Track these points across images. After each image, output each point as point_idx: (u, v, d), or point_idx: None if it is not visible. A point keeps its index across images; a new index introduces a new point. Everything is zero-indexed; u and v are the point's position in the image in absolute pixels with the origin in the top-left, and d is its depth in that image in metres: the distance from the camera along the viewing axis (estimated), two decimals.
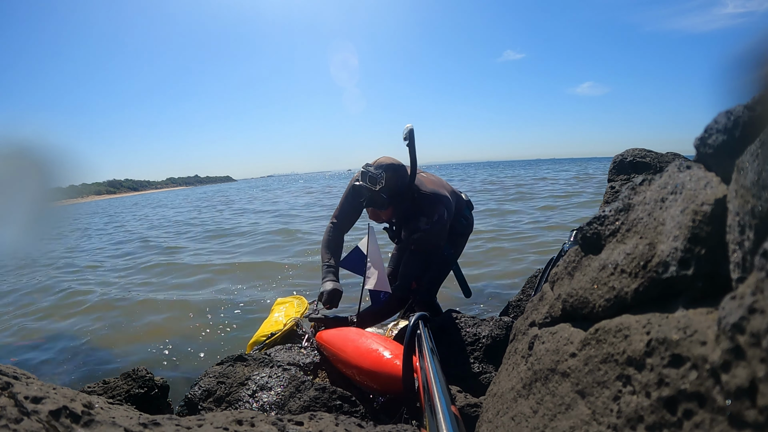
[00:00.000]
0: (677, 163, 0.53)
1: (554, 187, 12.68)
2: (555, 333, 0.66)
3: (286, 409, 1.26)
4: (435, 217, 1.79)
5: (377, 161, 1.83)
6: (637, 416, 0.42)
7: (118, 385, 1.40)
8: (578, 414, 0.52)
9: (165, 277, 4.54)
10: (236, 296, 3.51)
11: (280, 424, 0.86)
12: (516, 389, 0.73)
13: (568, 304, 0.64)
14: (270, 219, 9.40)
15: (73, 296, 4.03)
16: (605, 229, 0.61)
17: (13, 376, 0.67)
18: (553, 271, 0.75)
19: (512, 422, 0.70)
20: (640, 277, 0.49)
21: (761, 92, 0.37)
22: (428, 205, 1.80)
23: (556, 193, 10.60)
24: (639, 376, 0.44)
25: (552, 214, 7.06)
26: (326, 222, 2.05)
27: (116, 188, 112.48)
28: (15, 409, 0.54)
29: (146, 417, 0.73)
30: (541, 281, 1.68)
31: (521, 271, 3.60)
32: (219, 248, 6.13)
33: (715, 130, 0.43)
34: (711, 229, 0.41)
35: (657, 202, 0.52)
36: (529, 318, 0.81)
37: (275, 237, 6.55)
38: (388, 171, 1.78)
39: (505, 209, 7.86)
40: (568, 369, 0.57)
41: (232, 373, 1.41)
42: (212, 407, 1.31)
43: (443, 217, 1.81)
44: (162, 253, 6.17)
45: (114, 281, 4.54)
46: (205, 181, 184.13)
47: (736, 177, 0.38)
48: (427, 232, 1.80)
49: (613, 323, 0.51)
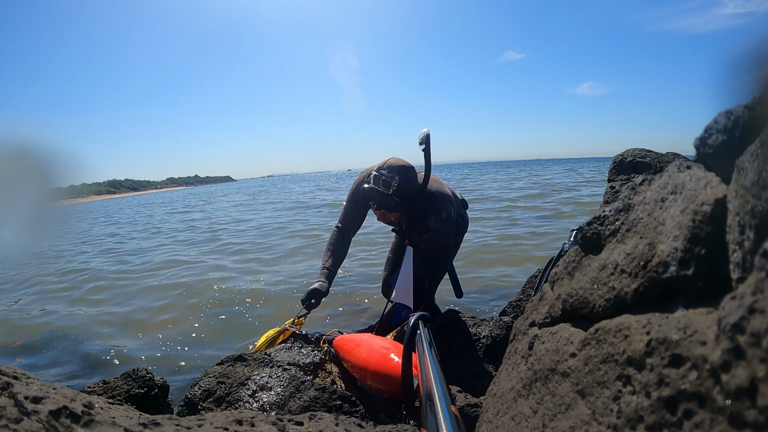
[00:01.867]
0: (677, 163, 0.53)
1: (555, 186, 12.69)
2: (555, 333, 0.66)
3: (286, 409, 1.26)
4: (443, 215, 1.79)
5: (387, 162, 1.81)
6: (637, 416, 0.42)
7: (118, 385, 1.40)
8: (578, 414, 0.52)
9: (166, 275, 4.54)
10: (236, 296, 3.51)
11: (280, 424, 0.86)
12: (516, 389, 0.73)
13: (568, 304, 0.64)
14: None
15: (73, 295, 4.03)
16: (605, 229, 0.61)
17: (13, 376, 0.67)
18: (553, 271, 0.75)
19: (512, 422, 0.70)
20: (640, 277, 0.49)
21: (761, 92, 0.37)
22: (435, 204, 1.80)
23: (556, 193, 10.61)
24: (639, 376, 0.44)
25: (552, 213, 7.06)
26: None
27: (116, 188, 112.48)
28: (15, 409, 0.54)
29: (146, 417, 0.73)
30: (541, 281, 1.68)
31: (521, 271, 3.60)
32: (218, 248, 6.13)
33: (715, 130, 0.43)
34: (711, 229, 0.41)
35: (657, 202, 0.52)
36: (529, 318, 0.81)
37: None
38: (401, 174, 1.76)
39: (506, 209, 7.86)
40: (568, 369, 0.57)
41: (232, 373, 1.41)
42: (212, 407, 1.31)
43: (450, 214, 1.82)
44: (162, 253, 6.17)
45: (114, 281, 4.54)
46: (205, 181, 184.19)
47: (736, 177, 0.38)
48: (437, 231, 1.79)
49: (613, 323, 0.51)
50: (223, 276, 4.28)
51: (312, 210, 10.93)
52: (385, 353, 1.41)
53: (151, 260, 5.58)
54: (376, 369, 1.39)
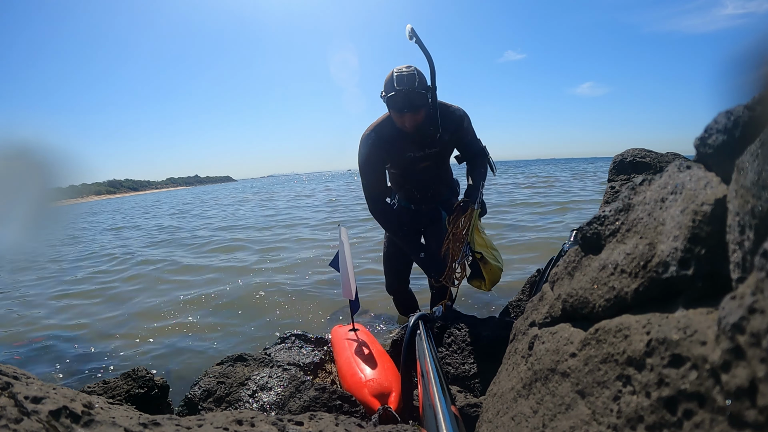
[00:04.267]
0: (677, 163, 0.53)
1: (556, 186, 12.69)
2: (555, 333, 0.66)
3: (286, 409, 1.26)
4: (459, 107, 1.87)
5: (398, 68, 1.74)
6: (637, 416, 0.42)
7: (118, 385, 1.40)
8: (578, 414, 0.52)
9: (164, 276, 4.54)
10: (236, 296, 3.51)
11: (280, 424, 0.86)
12: (516, 389, 0.73)
13: (568, 304, 0.64)
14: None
15: (72, 295, 4.03)
16: (605, 229, 0.61)
17: (13, 376, 0.67)
18: (553, 271, 0.75)
19: (512, 422, 0.70)
20: (640, 277, 0.49)
21: (761, 92, 0.37)
22: (454, 113, 1.85)
23: (558, 192, 10.60)
24: (639, 376, 0.44)
25: (553, 214, 7.06)
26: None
27: (116, 188, 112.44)
28: (15, 409, 0.54)
29: (146, 417, 0.73)
30: (541, 281, 1.68)
31: (521, 271, 3.60)
32: (218, 247, 6.13)
33: (715, 130, 0.43)
34: (711, 229, 0.41)
35: (657, 202, 0.52)
36: (529, 318, 0.81)
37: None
38: (416, 68, 1.74)
39: (507, 208, 7.86)
40: (568, 369, 0.57)
41: (232, 373, 1.41)
42: (212, 407, 1.31)
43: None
44: (161, 253, 6.17)
45: (113, 281, 4.55)
46: (205, 181, 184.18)
47: (736, 177, 0.38)
48: (468, 118, 1.88)
49: (613, 323, 0.51)
50: (223, 275, 4.29)
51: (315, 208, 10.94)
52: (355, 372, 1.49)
53: (152, 260, 5.58)
54: (348, 386, 1.48)
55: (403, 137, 1.82)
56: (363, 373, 1.45)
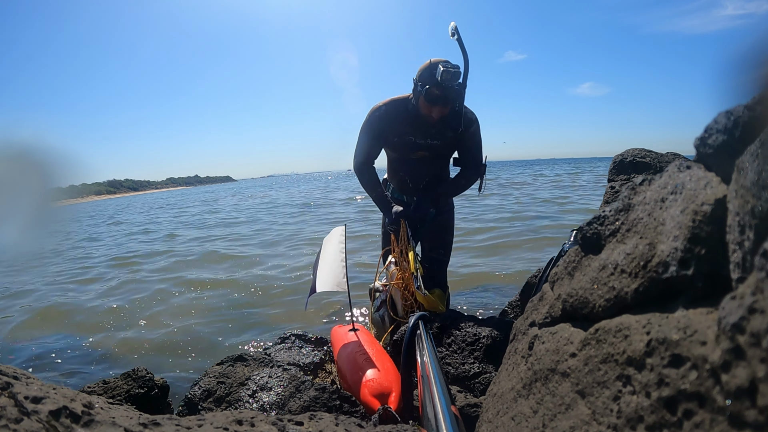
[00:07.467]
0: (677, 163, 0.53)
1: (557, 186, 12.68)
2: (555, 333, 0.66)
3: (286, 409, 1.26)
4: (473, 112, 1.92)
5: (442, 62, 1.75)
6: (637, 416, 0.42)
7: (118, 385, 1.40)
8: (578, 414, 0.52)
9: (163, 276, 4.54)
10: (236, 295, 3.51)
11: (280, 424, 0.86)
12: (516, 389, 0.73)
13: (568, 304, 0.64)
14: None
15: (72, 295, 4.03)
16: (605, 229, 0.61)
17: (13, 376, 0.67)
18: (553, 271, 0.75)
19: (512, 422, 0.70)
20: (640, 277, 0.49)
21: (761, 92, 0.37)
22: (467, 114, 1.89)
23: (557, 193, 10.60)
24: (639, 376, 0.44)
25: (552, 214, 7.06)
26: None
27: (116, 188, 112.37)
28: (15, 409, 0.54)
29: (146, 417, 0.73)
30: (541, 281, 1.68)
31: (521, 271, 3.60)
32: (219, 245, 6.13)
33: (715, 130, 0.43)
34: (711, 229, 0.41)
35: (657, 202, 0.52)
36: (529, 318, 0.81)
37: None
38: (457, 65, 1.77)
39: (507, 208, 7.86)
40: (568, 369, 0.57)
41: (232, 373, 1.41)
42: (212, 407, 1.31)
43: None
44: (160, 253, 6.17)
45: (112, 281, 4.54)
46: (206, 181, 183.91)
47: (736, 177, 0.38)
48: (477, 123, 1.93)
49: (613, 323, 0.51)
50: (222, 276, 4.29)
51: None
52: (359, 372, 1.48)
53: (152, 260, 5.58)
54: (349, 384, 1.48)
55: (410, 121, 1.87)
56: (363, 373, 1.44)
